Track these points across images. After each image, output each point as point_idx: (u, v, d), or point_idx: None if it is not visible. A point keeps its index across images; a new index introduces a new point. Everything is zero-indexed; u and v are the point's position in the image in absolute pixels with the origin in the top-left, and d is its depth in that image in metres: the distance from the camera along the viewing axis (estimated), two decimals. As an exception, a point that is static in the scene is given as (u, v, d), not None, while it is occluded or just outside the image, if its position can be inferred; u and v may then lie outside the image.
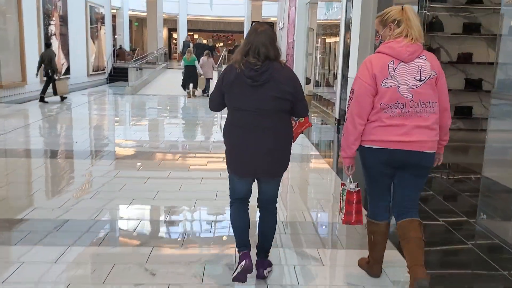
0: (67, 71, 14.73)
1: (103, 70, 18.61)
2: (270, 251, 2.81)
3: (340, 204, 2.75)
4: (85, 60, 16.58)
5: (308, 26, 13.17)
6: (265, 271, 2.70)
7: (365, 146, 2.50)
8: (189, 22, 32.26)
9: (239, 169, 2.62)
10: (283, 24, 17.29)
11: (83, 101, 12.83)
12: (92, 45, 17.22)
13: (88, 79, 16.82)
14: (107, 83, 18.53)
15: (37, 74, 11.19)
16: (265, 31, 2.53)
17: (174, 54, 35.01)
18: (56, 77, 11.39)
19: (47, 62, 11.06)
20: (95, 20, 17.54)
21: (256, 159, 2.55)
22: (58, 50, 13.96)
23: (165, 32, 35.18)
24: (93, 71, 17.37)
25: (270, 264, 2.80)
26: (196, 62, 13.72)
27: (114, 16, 30.22)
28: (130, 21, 33.50)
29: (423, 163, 2.47)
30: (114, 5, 28.56)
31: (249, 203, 2.76)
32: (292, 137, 2.66)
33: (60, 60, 14.11)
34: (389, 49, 2.43)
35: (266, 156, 2.54)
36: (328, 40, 11.23)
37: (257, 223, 2.81)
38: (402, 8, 2.46)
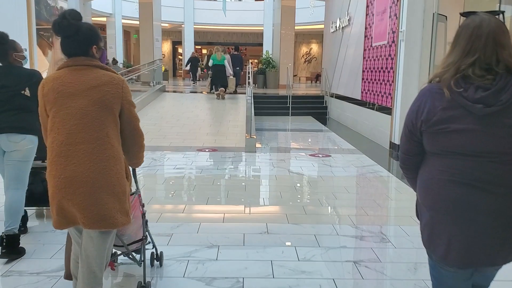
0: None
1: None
2: None
3: None
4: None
5: (436, 11, 6.53)
6: None
7: None
8: (196, 33, 26.11)
9: (460, 255, 1.55)
10: (348, 20, 10.72)
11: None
12: (43, 58, 10.71)
13: (34, 113, 10.31)
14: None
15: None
16: (495, 21, 1.52)
17: (179, 71, 28.82)
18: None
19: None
20: (48, 19, 11.06)
21: (491, 237, 1.51)
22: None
23: (168, 46, 29.26)
24: (44, 99, 10.84)
25: None
26: (226, 62, 13.03)
27: (103, 26, 24.10)
28: (127, 32, 27.52)
29: None
30: (103, 11, 22.36)
31: None
32: None
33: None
34: None
35: (506, 232, 1.52)
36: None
37: None
38: None
